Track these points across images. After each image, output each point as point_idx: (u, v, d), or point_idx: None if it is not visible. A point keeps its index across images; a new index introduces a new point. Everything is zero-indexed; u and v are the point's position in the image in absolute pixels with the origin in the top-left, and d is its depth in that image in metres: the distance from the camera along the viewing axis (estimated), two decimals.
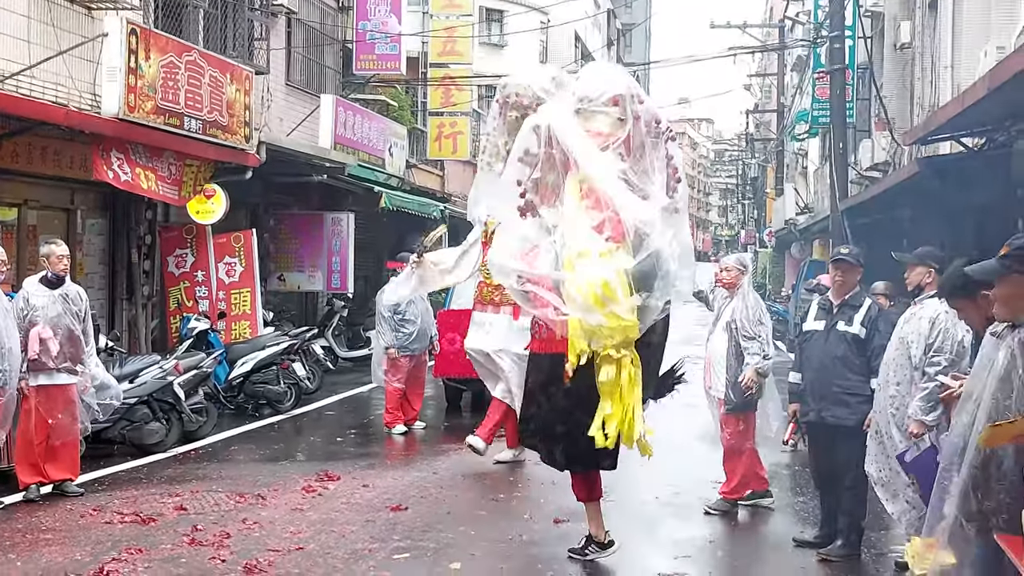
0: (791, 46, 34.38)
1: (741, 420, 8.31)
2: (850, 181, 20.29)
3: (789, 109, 37.97)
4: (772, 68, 46.44)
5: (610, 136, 6.67)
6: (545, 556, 7.04)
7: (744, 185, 61.51)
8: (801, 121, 28.79)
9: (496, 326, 10.49)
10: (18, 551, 6.93)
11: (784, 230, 36.99)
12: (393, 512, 8.14)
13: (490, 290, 10.43)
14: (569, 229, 6.48)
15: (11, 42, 11.19)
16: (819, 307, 7.35)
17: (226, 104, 14.19)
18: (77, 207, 13.55)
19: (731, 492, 8.39)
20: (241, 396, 13.43)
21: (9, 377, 8.03)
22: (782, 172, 41.61)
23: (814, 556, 7.05)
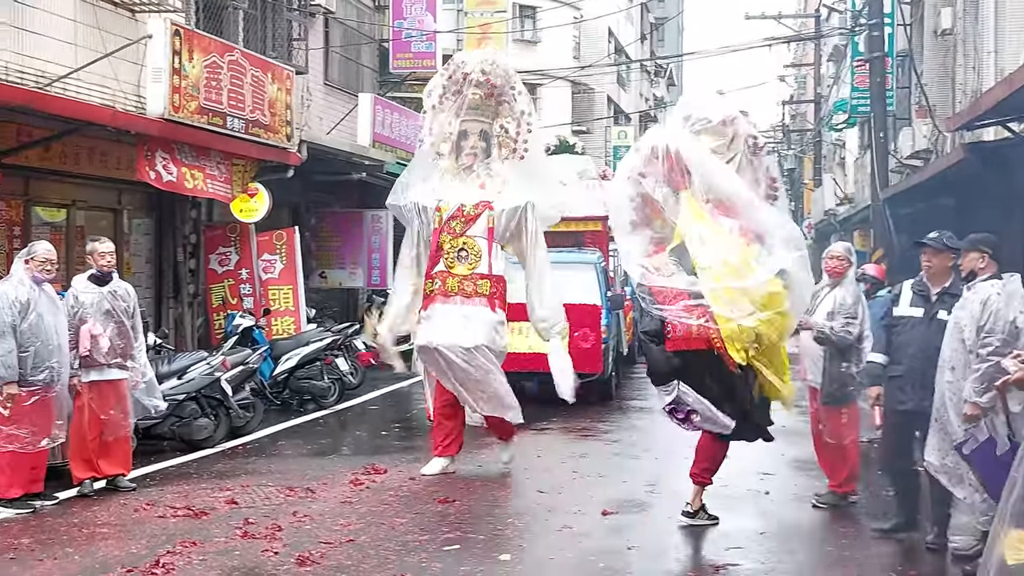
0: (828, 35, 34.08)
1: (844, 413, 8.07)
2: (890, 170, 20.09)
3: (826, 99, 37.66)
4: (808, 58, 46.08)
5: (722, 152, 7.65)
6: (595, 548, 7.02)
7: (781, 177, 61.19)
8: (840, 111, 28.51)
9: (472, 319, 9.34)
10: (75, 545, 7.02)
11: (823, 221, 36.70)
12: (441, 504, 8.17)
13: (457, 280, 9.44)
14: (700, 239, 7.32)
15: (58, 45, 11.31)
16: (915, 293, 7.19)
17: (268, 103, 14.28)
18: (124, 207, 13.69)
19: (840, 486, 8.19)
20: (286, 392, 13.52)
21: (59, 373, 8.15)
22: (820, 163, 41.25)
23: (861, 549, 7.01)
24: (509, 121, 9.84)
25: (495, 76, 9.78)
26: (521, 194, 9.68)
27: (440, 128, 9.83)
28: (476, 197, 9.63)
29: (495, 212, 9.57)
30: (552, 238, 16.16)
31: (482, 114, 9.85)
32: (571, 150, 18.43)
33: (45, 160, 11.89)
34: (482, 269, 9.48)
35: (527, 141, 9.83)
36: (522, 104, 9.89)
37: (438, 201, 9.63)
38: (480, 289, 9.45)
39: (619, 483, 9.11)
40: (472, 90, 9.73)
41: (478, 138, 9.87)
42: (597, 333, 13.31)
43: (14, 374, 7.85)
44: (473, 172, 9.80)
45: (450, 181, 9.78)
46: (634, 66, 49.44)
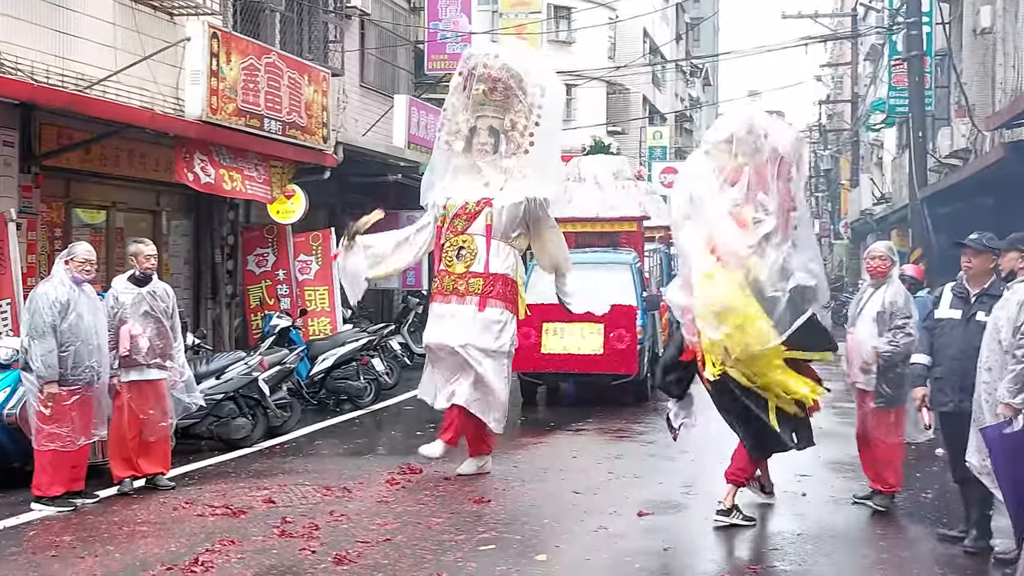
0: (865, 34, 33.85)
1: (893, 414, 7.97)
2: (929, 169, 19.92)
3: (863, 99, 37.39)
4: (844, 58, 45.75)
5: (728, 170, 7.79)
6: (631, 549, 7.01)
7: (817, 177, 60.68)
8: (877, 110, 28.31)
9: (460, 318, 9.28)
10: (116, 543, 7.09)
11: (860, 221, 36.46)
12: (477, 504, 8.18)
13: (452, 279, 9.38)
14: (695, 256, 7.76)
15: (97, 49, 11.46)
16: (954, 295, 7.17)
17: (304, 105, 14.37)
18: (162, 209, 13.84)
19: (890, 487, 8.11)
20: (323, 392, 13.59)
21: (99, 373, 8.25)
22: (857, 163, 40.96)
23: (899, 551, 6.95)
24: (519, 115, 9.61)
25: (495, 70, 9.59)
26: (524, 190, 9.49)
27: (454, 124, 9.78)
28: (479, 194, 9.50)
29: (494, 209, 9.40)
30: (587, 238, 16.33)
31: (490, 109, 9.67)
32: (606, 150, 18.43)
33: (85, 162, 12.04)
34: (477, 267, 9.33)
35: (533, 134, 9.58)
36: (532, 97, 9.62)
37: (446, 199, 9.56)
38: (472, 287, 9.29)
39: (655, 484, 9.08)
40: (476, 85, 9.61)
41: (487, 134, 9.71)
42: (633, 334, 13.28)
43: (55, 373, 7.95)
44: (481, 169, 9.67)
45: (460, 178, 9.68)
46: (669, 66, 49.33)
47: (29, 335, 8.00)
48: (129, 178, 12.88)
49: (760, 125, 7.89)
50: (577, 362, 13.40)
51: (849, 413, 12.87)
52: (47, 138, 11.36)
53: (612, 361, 13.31)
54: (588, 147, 18.75)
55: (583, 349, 13.37)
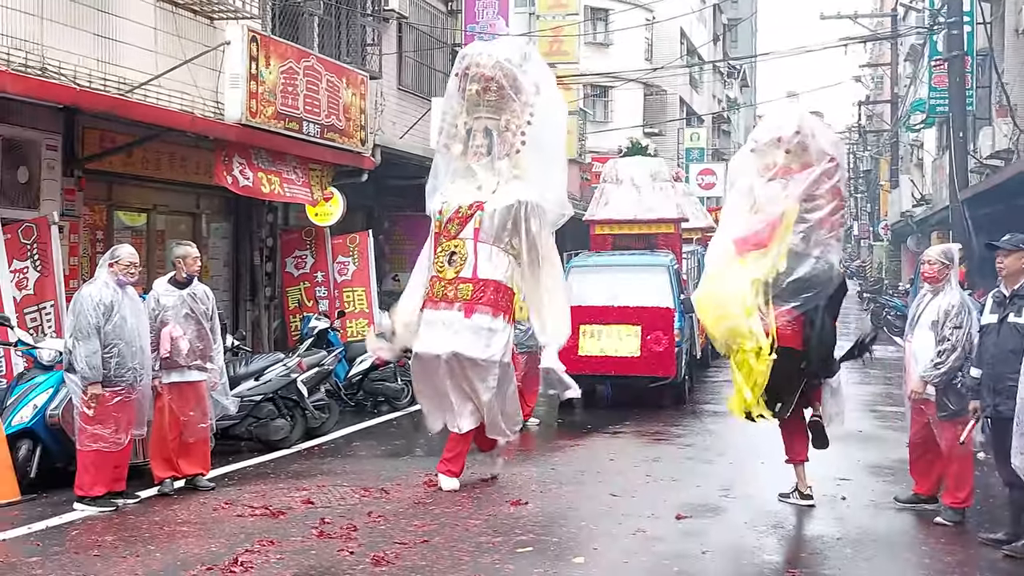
0: (905, 34, 33.55)
1: (960, 425, 7.54)
2: (970, 170, 19.71)
3: (903, 99, 37.06)
4: (884, 58, 45.39)
5: (775, 167, 8.22)
6: (670, 552, 6.99)
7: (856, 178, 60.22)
8: (917, 111, 28.07)
9: (449, 325, 8.93)
10: (157, 543, 7.15)
11: (900, 223, 36.15)
12: (514, 507, 8.18)
13: (443, 285, 9.03)
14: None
15: (139, 53, 11.58)
16: (993, 300, 7.14)
17: (343, 108, 14.44)
18: (202, 212, 13.96)
19: (962, 502, 7.79)
20: (360, 393, 13.65)
21: (141, 374, 8.33)
22: (896, 164, 40.64)
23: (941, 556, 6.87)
24: (514, 114, 9.27)
25: (487, 68, 9.23)
26: (515, 192, 9.14)
27: (451, 127, 9.48)
28: (472, 198, 9.18)
29: (485, 212, 9.06)
30: (624, 240, 16.30)
31: (485, 110, 9.31)
32: (643, 152, 18.35)
33: (127, 166, 12.17)
34: (466, 273, 8.99)
35: (525, 133, 9.23)
36: (526, 96, 9.26)
37: (442, 204, 9.27)
38: (461, 294, 8.95)
39: (693, 487, 9.04)
40: (469, 85, 9.29)
41: (483, 136, 9.35)
42: (670, 336, 13.24)
43: (99, 375, 8.04)
44: (474, 172, 9.35)
45: (458, 182, 9.38)
46: (707, 67, 49.16)
47: (74, 336, 8.10)
48: (170, 181, 13.00)
49: (808, 125, 8.35)
50: (614, 364, 13.37)
51: (888, 416, 12.80)
52: (90, 142, 11.49)
53: (649, 363, 13.27)
54: (625, 149, 18.68)
55: (620, 351, 13.35)
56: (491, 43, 9.78)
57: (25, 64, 9.94)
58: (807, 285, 8.05)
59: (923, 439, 8.05)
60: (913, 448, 8.22)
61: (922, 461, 8.13)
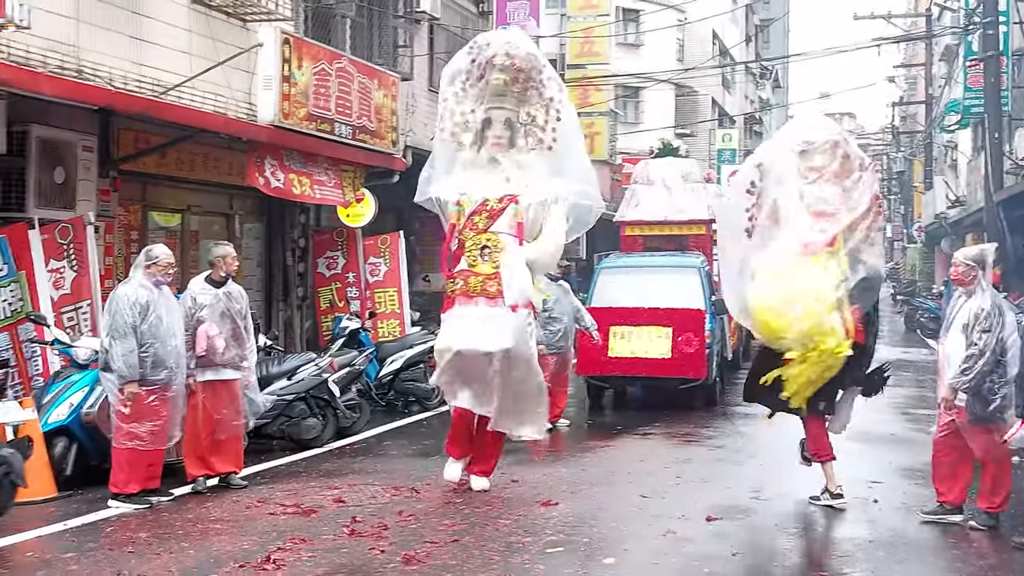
0: (939, 34, 33.31)
1: (994, 430, 7.48)
2: (1005, 172, 19.55)
3: (937, 100, 36.77)
4: (918, 58, 45.06)
5: (823, 170, 8.41)
6: (700, 553, 6.99)
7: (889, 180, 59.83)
8: (952, 112, 27.83)
9: (494, 322, 8.65)
10: (190, 540, 7.23)
11: (934, 224, 35.86)
12: (544, 507, 8.20)
13: (480, 280, 8.74)
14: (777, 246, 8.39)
15: (173, 55, 11.68)
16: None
17: (374, 110, 14.52)
18: (235, 212, 14.07)
19: (997, 506, 7.67)
20: (391, 393, 13.71)
21: (176, 373, 8.42)
22: (930, 165, 40.33)
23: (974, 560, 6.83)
24: (537, 108, 9.07)
25: (520, 59, 9.00)
26: (551, 188, 8.95)
27: (461, 115, 9.11)
28: (501, 190, 8.88)
29: (522, 206, 8.84)
30: (654, 241, 16.27)
31: (507, 101, 9.06)
32: (675, 153, 18.33)
33: (161, 167, 12.29)
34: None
35: (556, 130, 9.04)
36: (551, 90, 9.10)
37: (460, 195, 8.92)
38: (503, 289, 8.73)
39: (723, 489, 9.03)
40: (496, 75, 8.97)
41: (503, 127, 9.06)
42: (701, 338, 13.22)
43: (135, 373, 8.13)
44: (499, 164, 9.03)
45: (473, 173, 9.03)
46: (739, 68, 48.95)
47: (110, 336, 8.19)
48: (203, 182, 13.12)
49: (846, 134, 8.89)
50: (644, 366, 13.36)
51: (920, 419, 12.71)
52: (125, 143, 11.62)
53: (680, 365, 13.26)
54: (656, 150, 18.66)
55: (651, 353, 13.33)
56: (511, 33, 9.47)
57: (61, 66, 10.07)
58: (868, 285, 8.36)
59: (947, 439, 7.84)
60: (937, 449, 7.95)
61: (946, 464, 7.88)
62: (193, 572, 6.46)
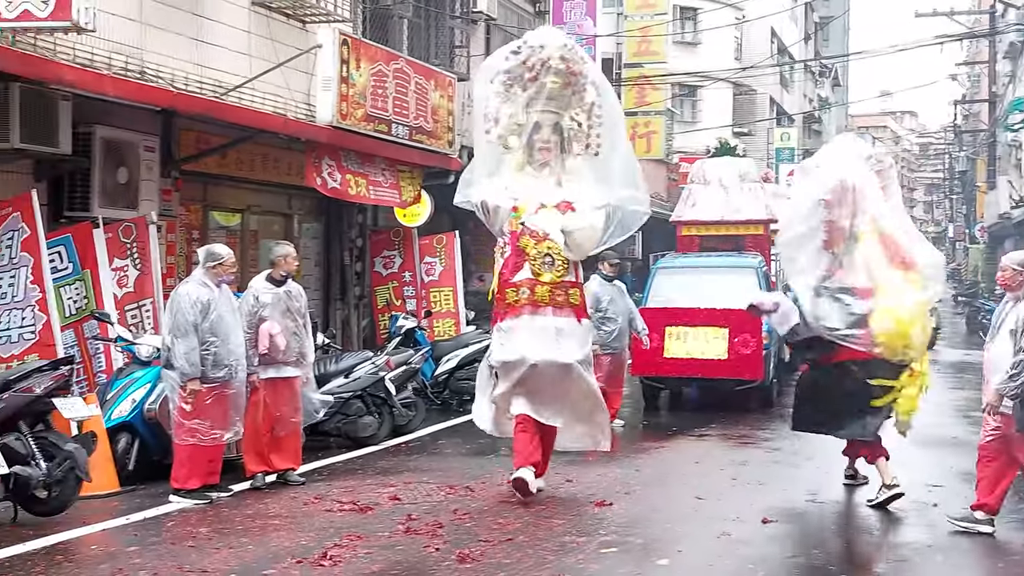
0: (1003, 31, 32.74)
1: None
2: None
3: (1001, 98, 36.15)
4: (982, 56, 44.32)
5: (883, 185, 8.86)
6: (755, 556, 6.95)
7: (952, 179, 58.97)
8: (1016, 110, 27.41)
9: (566, 332, 8.51)
10: (250, 535, 7.34)
11: (997, 225, 35.31)
12: (598, 507, 8.20)
13: (546, 289, 8.51)
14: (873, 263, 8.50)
15: (233, 56, 11.84)
16: None
17: (431, 110, 14.60)
18: (294, 212, 14.22)
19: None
20: (446, 392, 13.78)
21: (237, 370, 8.54)
22: (994, 165, 39.61)
23: None
24: (579, 113, 8.83)
25: (575, 63, 8.77)
26: (603, 194, 8.73)
27: (509, 118, 8.77)
28: (556, 197, 8.68)
29: (578, 213, 8.65)
30: (711, 242, 16.19)
31: (557, 105, 8.80)
32: (732, 152, 18.20)
33: (222, 167, 12.45)
34: (571, 276, 8.64)
35: (600, 135, 8.81)
36: (591, 95, 8.84)
37: (514, 201, 8.64)
38: (571, 299, 8.58)
39: (779, 491, 8.98)
40: (552, 78, 8.67)
41: (551, 131, 8.81)
42: (758, 339, 13.12)
43: (197, 371, 8.26)
44: (548, 169, 8.80)
45: (523, 178, 8.78)
46: (798, 66, 48.50)
47: (172, 334, 8.33)
48: (263, 182, 13.28)
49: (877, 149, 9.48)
50: (701, 367, 13.30)
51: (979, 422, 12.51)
52: (186, 143, 11.79)
53: (736, 366, 13.18)
54: (713, 149, 18.55)
55: (707, 354, 13.27)
56: (560, 34, 9.20)
57: (125, 68, 10.25)
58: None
59: (993, 444, 7.55)
60: (983, 455, 7.64)
61: (991, 469, 7.57)
62: (252, 567, 6.55)
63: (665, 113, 28.76)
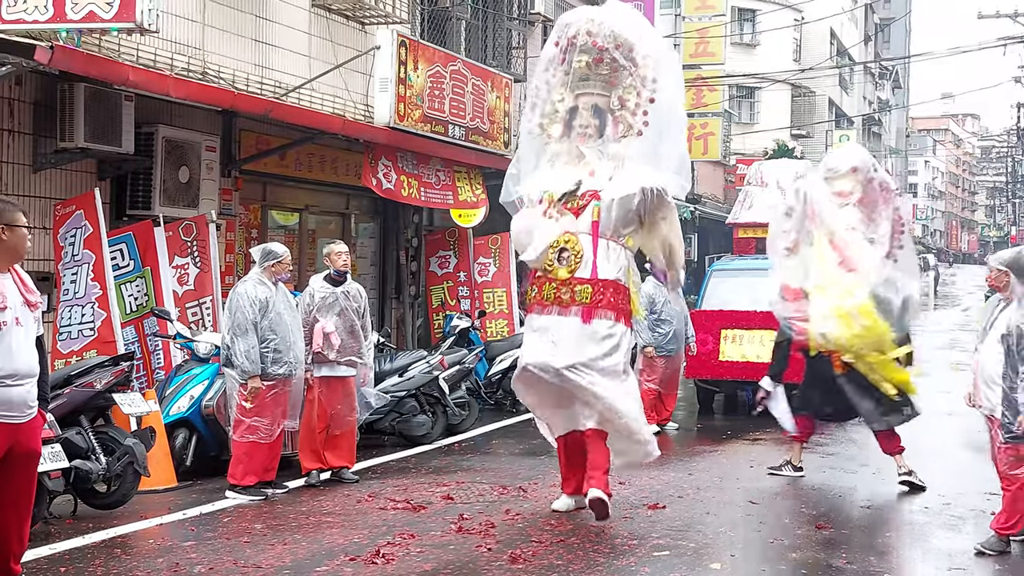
0: None
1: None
2: None
3: None
4: None
5: (850, 194, 9.40)
6: (808, 561, 6.87)
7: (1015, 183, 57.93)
8: None
9: (562, 333, 7.72)
10: (303, 531, 7.39)
11: None
12: (651, 510, 8.15)
13: (554, 287, 7.76)
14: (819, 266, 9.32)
15: (294, 57, 11.96)
16: None
17: (487, 111, 14.62)
18: (351, 212, 14.32)
19: (1005, 527, 7.10)
20: (499, 392, 13.78)
21: (295, 367, 8.61)
22: None
23: None
24: (628, 91, 7.91)
25: (601, 37, 7.89)
26: (637, 179, 7.78)
27: (550, 106, 8.12)
28: (584, 185, 7.85)
29: (602, 202, 7.73)
30: (749, 245, 15.99)
31: (593, 85, 7.99)
32: (789, 154, 18.04)
33: (281, 167, 12.56)
34: (583, 273, 7.68)
35: (648, 113, 7.84)
36: (645, 69, 7.88)
37: (543, 192, 7.93)
38: (579, 296, 7.66)
39: (834, 497, 8.88)
40: (577, 57, 7.93)
41: (590, 114, 8.01)
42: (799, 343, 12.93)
43: (257, 368, 8.33)
44: (585, 155, 8.00)
45: (560, 168, 8.05)
46: (857, 68, 47.94)
47: (232, 332, 8.39)
48: (320, 182, 13.37)
49: (869, 161, 9.65)
50: (756, 370, 13.11)
51: None
52: (246, 144, 11.91)
53: (793, 370, 13.00)
54: (771, 151, 18.39)
55: (762, 357, 13.06)
56: (600, 8, 8.28)
57: (187, 68, 10.38)
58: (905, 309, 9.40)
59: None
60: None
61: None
62: (305, 563, 6.59)
63: (722, 115, 28.57)
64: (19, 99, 9.26)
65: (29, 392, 5.36)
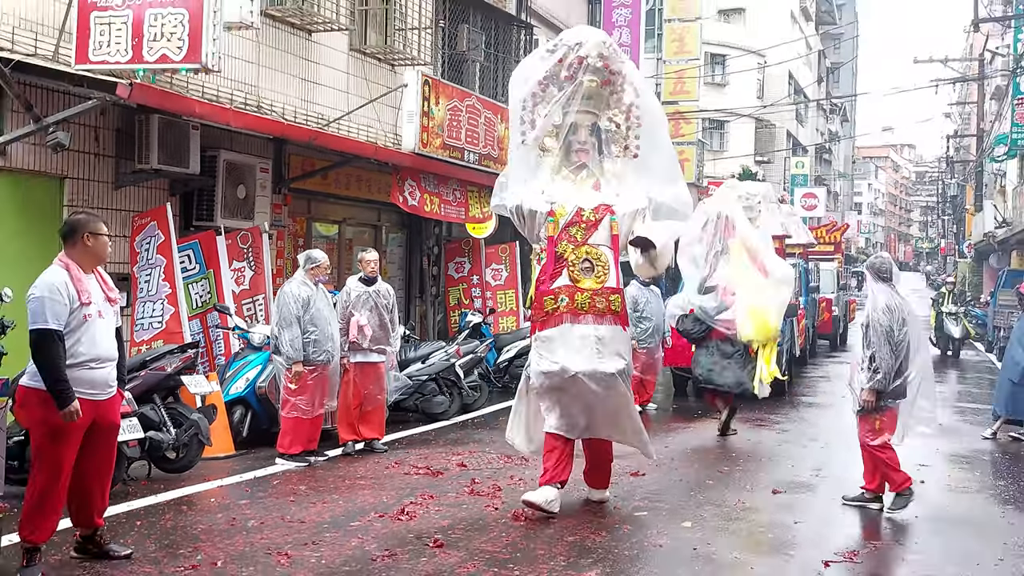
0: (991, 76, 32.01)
1: (877, 420, 7.18)
2: None
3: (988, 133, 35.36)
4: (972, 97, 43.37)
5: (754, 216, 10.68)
6: (766, 521, 6.88)
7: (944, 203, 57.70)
8: (1000, 144, 26.74)
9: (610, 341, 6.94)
10: (340, 492, 7.42)
11: (983, 242, 34.49)
12: (633, 477, 8.14)
13: (587, 296, 6.92)
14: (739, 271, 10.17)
15: (334, 93, 11.98)
16: None
17: (497, 140, 14.61)
18: (382, 224, 14.32)
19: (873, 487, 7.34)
20: (507, 377, 13.79)
21: (333, 355, 8.63)
22: (981, 190, 38.79)
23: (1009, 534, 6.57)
24: (617, 114, 7.25)
25: (614, 61, 7.19)
26: (641, 195, 7.20)
27: (546, 120, 7.19)
28: (594, 200, 7.11)
29: (617, 217, 7.07)
30: None
31: (595, 105, 7.24)
32: (753, 177, 18.07)
33: (323, 186, 12.58)
34: (611, 283, 6.98)
35: (639, 137, 7.23)
36: (629, 96, 7.23)
37: (551, 205, 7.09)
38: (613, 305, 6.94)
39: (788, 467, 8.87)
40: (589, 77, 7.10)
41: (589, 132, 7.28)
42: None
43: (300, 356, 8.38)
44: (585, 171, 7.27)
45: (560, 181, 7.24)
46: (811, 105, 47.82)
47: (279, 325, 8.46)
48: (356, 199, 13.39)
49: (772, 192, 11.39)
50: None
51: (966, 412, 12.27)
52: (294, 166, 11.93)
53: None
54: (738, 175, 18.39)
55: None
56: (598, 32, 7.47)
57: (244, 102, 10.41)
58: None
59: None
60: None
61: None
62: (341, 519, 6.61)
63: (696, 144, 28.50)
64: (103, 127, 9.30)
65: (110, 374, 5.41)
